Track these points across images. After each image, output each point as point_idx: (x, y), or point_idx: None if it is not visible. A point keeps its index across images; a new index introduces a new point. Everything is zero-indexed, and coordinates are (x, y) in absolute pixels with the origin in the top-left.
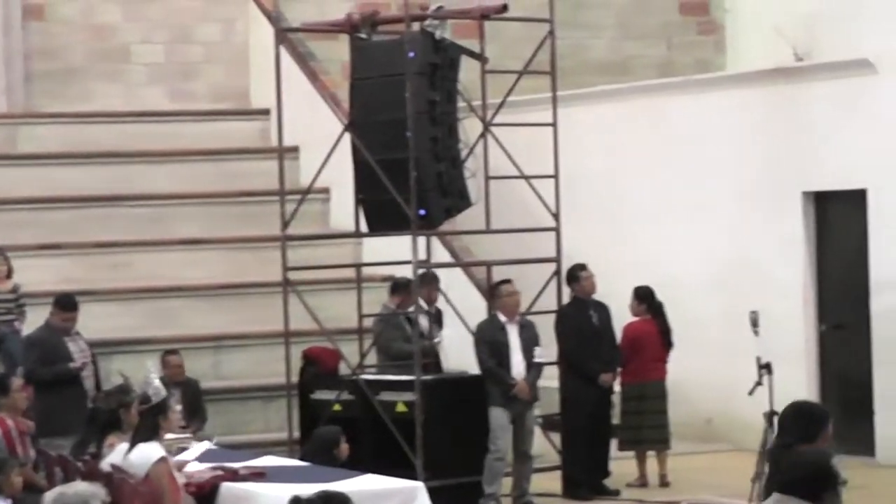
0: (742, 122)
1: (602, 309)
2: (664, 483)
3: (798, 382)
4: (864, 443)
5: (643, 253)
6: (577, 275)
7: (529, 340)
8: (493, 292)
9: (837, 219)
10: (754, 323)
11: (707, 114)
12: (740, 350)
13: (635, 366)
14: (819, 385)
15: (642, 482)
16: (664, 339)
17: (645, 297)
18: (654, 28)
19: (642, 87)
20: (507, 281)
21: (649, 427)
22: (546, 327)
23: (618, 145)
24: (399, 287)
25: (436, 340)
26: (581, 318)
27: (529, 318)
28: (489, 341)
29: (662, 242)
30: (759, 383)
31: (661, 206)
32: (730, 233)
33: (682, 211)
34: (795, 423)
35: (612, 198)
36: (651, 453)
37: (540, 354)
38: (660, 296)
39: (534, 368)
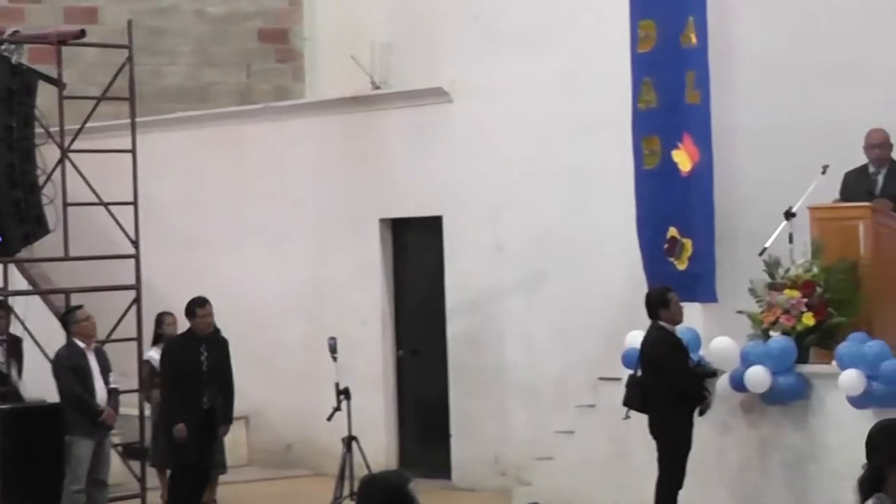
0: (320, 150)
1: (217, 345)
2: None
3: (377, 407)
4: (440, 466)
5: (224, 279)
6: (193, 311)
7: (105, 366)
8: (66, 319)
9: (414, 245)
10: (333, 349)
11: (286, 141)
12: (320, 376)
13: None
14: (397, 410)
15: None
16: None
17: None
18: (232, 55)
19: (221, 113)
20: (80, 306)
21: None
22: (126, 354)
23: (198, 172)
24: None
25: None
26: (185, 354)
27: (110, 345)
28: (73, 368)
29: (243, 269)
30: (337, 409)
31: (241, 233)
32: (309, 260)
33: (261, 238)
34: (883, 442)
35: (192, 224)
36: None
37: (115, 380)
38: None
39: (114, 394)
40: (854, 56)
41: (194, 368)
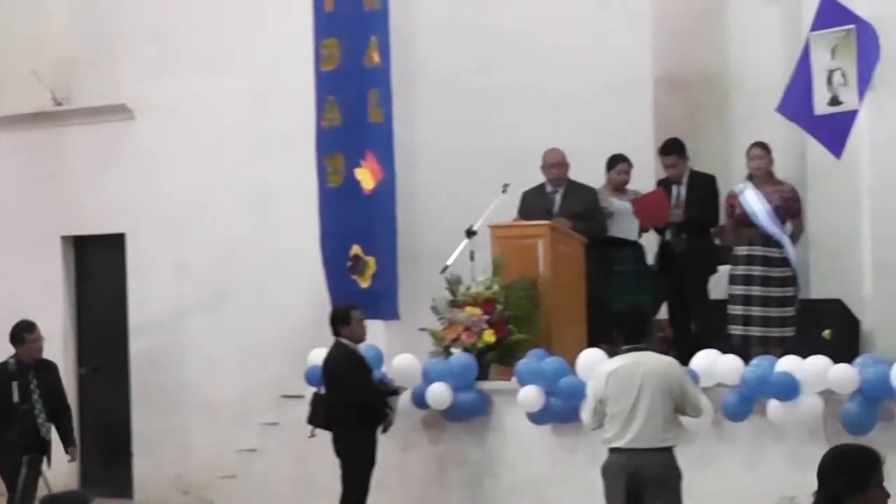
0: (2, 167)
1: (47, 371)
2: None
3: None
4: (122, 485)
5: None
6: (21, 336)
7: None
8: None
9: (97, 263)
10: None
11: None
12: None
13: None
14: (78, 428)
15: None
16: None
17: None
18: None
19: None
20: None
21: None
22: None
23: None
24: None
25: None
26: (15, 381)
27: None
28: None
29: None
30: None
31: None
32: None
33: None
34: (840, 470)
35: None
36: None
37: None
38: None
39: None
40: (532, 79)
41: (24, 398)
